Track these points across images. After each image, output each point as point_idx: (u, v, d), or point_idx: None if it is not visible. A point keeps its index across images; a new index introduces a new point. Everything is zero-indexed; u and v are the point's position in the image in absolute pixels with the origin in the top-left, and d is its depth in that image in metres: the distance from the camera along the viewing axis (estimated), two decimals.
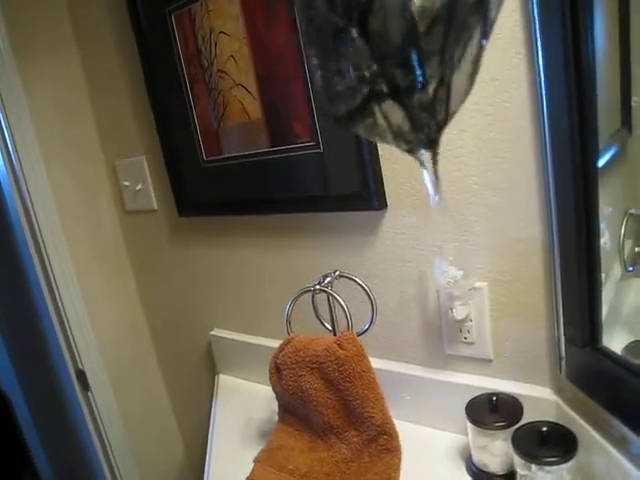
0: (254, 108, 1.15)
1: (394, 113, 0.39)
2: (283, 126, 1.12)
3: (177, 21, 1.22)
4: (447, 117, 0.41)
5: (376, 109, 0.40)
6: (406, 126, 0.40)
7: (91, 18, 1.48)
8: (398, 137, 0.41)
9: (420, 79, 0.38)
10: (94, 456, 1.65)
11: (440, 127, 0.41)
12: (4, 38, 1.40)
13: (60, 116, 1.54)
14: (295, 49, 1.03)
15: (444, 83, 0.39)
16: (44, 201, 1.49)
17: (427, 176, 0.44)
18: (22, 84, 1.44)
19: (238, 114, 1.19)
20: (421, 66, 0.37)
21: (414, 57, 0.37)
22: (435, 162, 0.43)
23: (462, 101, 0.41)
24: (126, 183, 1.59)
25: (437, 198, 0.46)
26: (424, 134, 0.40)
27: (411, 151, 0.43)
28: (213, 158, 1.29)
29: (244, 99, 1.16)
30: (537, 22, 0.76)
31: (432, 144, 0.41)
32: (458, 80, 0.39)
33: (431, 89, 0.38)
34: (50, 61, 1.52)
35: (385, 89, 0.38)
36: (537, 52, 0.78)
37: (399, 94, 0.38)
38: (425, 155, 0.42)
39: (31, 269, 1.52)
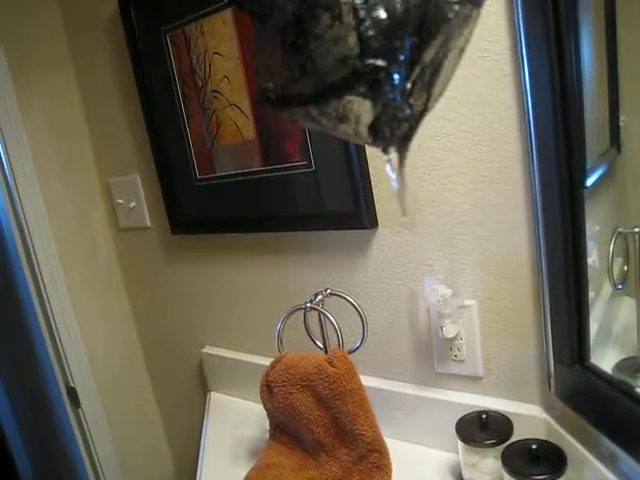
0: (247, 128, 1.16)
1: (374, 99, 0.38)
2: (276, 146, 1.13)
3: (172, 41, 1.24)
4: (424, 112, 0.40)
5: (356, 90, 0.39)
6: (383, 118, 0.39)
7: (87, 36, 1.49)
8: (374, 130, 0.40)
9: (403, 70, 0.37)
10: (83, 473, 1.63)
11: (416, 122, 0.40)
12: None
13: (54, 133, 1.55)
14: None
15: (424, 78, 0.38)
16: (38, 218, 1.49)
17: (393, 179, 0.43)
18: (17, 100, 1.45)
19: (232, 133, 1.20)
20: (407, 54, 0.37)
21: (402, 43, 0.36)
22: (402, 164, 0.42)
23: (437, 100, 0.41)
24: (120, 200, 1.59)
25: (401, 200, 0.46)
26: (401, 129, 0.39)
27: (384, 150, 0.42)
28: (206, 176, 1.30)
29: (238, 119, 1.17)
30: (523, 44, 0.78)
31: (406, 142, 0.41)
32: (440, 76, 0.39)
33: (409, 83, 0.38)
34: (45, 78, 1.53)
35: (367, 72, 0.37)
36: (524, 73, 0.79)
37: (380, 81, 0.37)
38: (393, 155, 0.42)
39: (24, 286, 1.52)
